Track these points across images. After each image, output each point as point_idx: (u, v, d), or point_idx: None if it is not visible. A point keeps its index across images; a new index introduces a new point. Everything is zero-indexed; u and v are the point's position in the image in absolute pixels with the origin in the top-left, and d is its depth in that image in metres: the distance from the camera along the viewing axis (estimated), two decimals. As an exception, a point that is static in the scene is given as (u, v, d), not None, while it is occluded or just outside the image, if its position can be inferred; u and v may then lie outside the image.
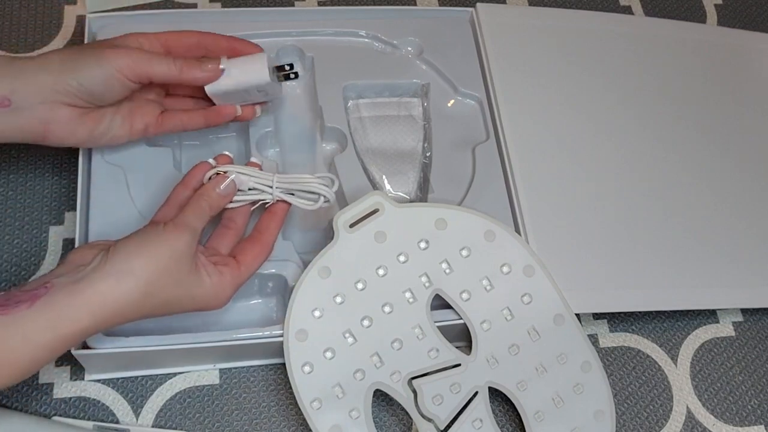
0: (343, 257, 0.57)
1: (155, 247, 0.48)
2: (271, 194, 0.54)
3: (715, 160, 0.71)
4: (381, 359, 0.56)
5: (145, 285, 0.47)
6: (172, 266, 0.48)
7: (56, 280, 0.46)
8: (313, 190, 0.54)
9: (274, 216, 0.55)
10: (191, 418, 0.58)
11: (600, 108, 0.70)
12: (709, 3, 0.84)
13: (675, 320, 0.67)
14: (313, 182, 0.54)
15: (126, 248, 0.47)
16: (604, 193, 0.66)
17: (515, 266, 0.58)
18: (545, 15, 0.74)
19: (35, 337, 0.44)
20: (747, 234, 0.68)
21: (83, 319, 0.45)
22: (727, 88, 0.75)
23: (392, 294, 0.57)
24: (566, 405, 0.57)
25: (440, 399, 0.55)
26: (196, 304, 0.50)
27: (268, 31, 0.67)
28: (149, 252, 0.47)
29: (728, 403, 0.64)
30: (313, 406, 0.54)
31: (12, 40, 0.69)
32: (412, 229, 0.58)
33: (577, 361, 0.58)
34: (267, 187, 0.54)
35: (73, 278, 0.46)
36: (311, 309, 0.56)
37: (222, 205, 0.53)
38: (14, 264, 0.61)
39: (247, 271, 0.52)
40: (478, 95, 0.68)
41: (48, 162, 0.65)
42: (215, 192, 0.52)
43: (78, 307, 0.45)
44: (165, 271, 0.47)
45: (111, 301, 0.46)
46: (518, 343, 0.57)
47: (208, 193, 0.52)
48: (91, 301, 0.45)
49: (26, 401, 0.57)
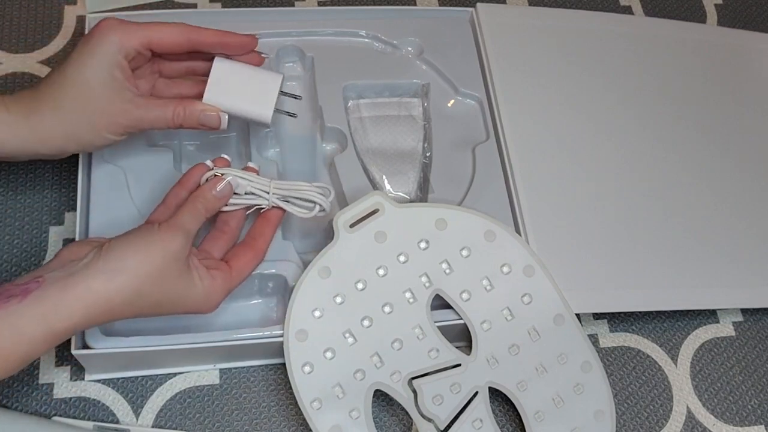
0: (344, 257, 0.57)
1: (149, 246, 0.48)
2: (267, 200, 0.54)
3: (715, 160, 0.71)
4: (381, 359, 0.56)
5: (137, 284, 0.47)
6: (164, 267, 0.48)
7: (48, 274, 0.46)
8: (309, 198, 0.54)
9: (268, 222, 0.55)
10: (191, 418, 0.58)
11: (600, 108, 0.70)
12: (709, 3, 0.84)
13: (675, 320, 0.67)
14: (309, 191, 0.54)
15: (120, 246, 0.47)
16: (604, 193, 0.66)
17: (515, 266, 0.58)
18: (545, 15, 0.74)
19: (27, 330, 0.44)
20: (747, 234, 0.68)
21: (75, 314, 0.45)
22: (727, 88, 0.75)
23: (392, 294, 0.57)
24: (566, 405, 0.57)
25: (440, 399, 0.55)
26: (187, 307, 0.50)
27: (268, 31, 0.67)
28: (142, 251, 0.47)
29: (728, 403, 0.64)
30: (314, 406, 0.54)
31: (12, 40, 0.69)
32: (413, 229, 0.58)
33: (577, 361, 0.58)
34: (264, 192, 0.54)
35: (66, 273, 0.46)
36: (311, 309, 0.56)
37: (217, 207, 0.53)
38: (14, 264, 0.61)
39: (239, 276, 0.52)
40: (478, 95, 0.68)
41: (48, 162, 0.65)
42: (211, 194, 0.52)
43: (69, 303, 0.45)
44: (157, 271, 0.47)
45: (103, 298, 0.46)
46: (518, 343, 0.57)
47: (204, 195, 0.52)
48: (82, 297, 0.45)
49: (26, 401, 0.57)
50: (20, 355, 0.44)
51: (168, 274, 0.48)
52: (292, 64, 0.68)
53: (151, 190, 0.59)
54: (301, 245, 0.61)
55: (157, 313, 0.49)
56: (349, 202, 0.61)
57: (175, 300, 0.49)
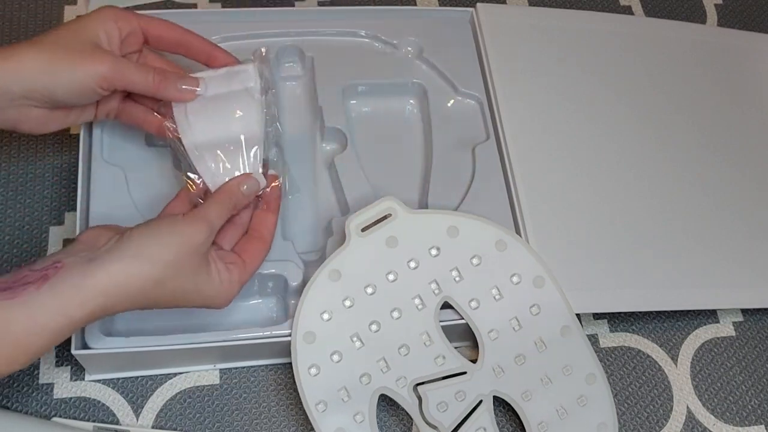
0: (354, 261, 0.56)
1: (172, 237, 0.47)
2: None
3: (716, 161, 0.71)
4: (387, 364, 0.56)
5: (157, 272, 0.46)
6: (185, 258, 0.47)
7: (68, 260, 0.45)
8: None
9: (269, 209, 0.54)
10: (191, 418, 0.58)
11: (600, 108, 0.70)
12: (709, 3, 0.84)
13: (675, 320, 0.67)
14: None
15: (141, 234, 0.47)
16: (604, 193, 0.66)
17: (525, 277, 0.58)
18: (545, 15, 0.74)
19: (45, 320, 0.43)
20: (747, 234, 0.68)
21: (92, 301, 0.44)
22: (727, 89, 0.75)
23: (401, 300, 0.57)
24: (570, 416, 0.57)
25: (445, 406, 0.55)
26: (204, 300, 0.50)
27: (268, 31, 0.67)
28: (165, 241, 0.47)
29: (728, 403, 0.64)
30: (318, 409, 0.54)
31: (12, 41, 0.69)
32: (424, 235, 0.58)
33: (582, 373, 0.57)
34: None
35: (86, 258, 0.45)
36: (320, 311, 0.56)
37: (244, 204, 0.53)
38: (14, 264, 0.61)
39: (252, 268, 0.52)
40: (478, 95, 0.68)
41: (48, 162, 0.65)
42: (240, 190, 0.52)
43: (88, 289, 0.44)
44: (178, 262, 0.47)
45: (123, 284, 0.45)
46: (525, 353, 0.57)
47: (232, 190, 0.51)
48: (102, 282, 0.44)
49: (26, 401, 0.57)
50: (38, 347, 0.43)
51: (188, 266, 0.47)
52: (292, 64, 0.68)
53: (151, 189, 0.59)
54: (301, 245, 0.61)
55: (173, 304, 0.49)
56: (349, 202, 0.61)
57: (192, 292, 0.49)
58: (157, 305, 0.48)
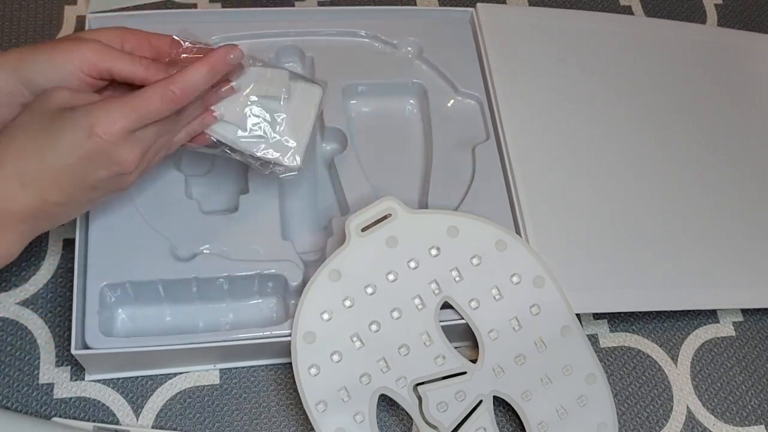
0: (354, 261, 0.57)
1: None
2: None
3: (716, 161, 0.71)
4: (387, 364, 0.56)
5: None
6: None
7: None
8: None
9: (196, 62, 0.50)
10: (191, 418, 0.58)
11: (600, 108, 0.70)
12: (709, 3, 0.84)
13: (675, 320, 0.67)
14: None
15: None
16: (604, 193, 0.66)
17: (525, 277, 0.58)
18: (545, 15, 0.74)
19: None
20: (747, 234, 0.68)
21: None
22: (727, 89, 0.75)
23: (401, 300, 0.57)
24: (570, 416, 0.57)
25: (445, 406, 0.55)
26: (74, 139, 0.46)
27: (268, 31, 0.67)
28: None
29: (728, 403, 0.64)
30: (318, 409, 0.54)
31: (12, 41, 0.69)
32: (424, 235, 0.58)
33: (582, 373, 0.58)
34: None
35: None
36: (320, 311, 0.56)
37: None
38: (14, 264, 0.61)
39: (143, 101, 0.48)
40: (478, 95, 0.68)
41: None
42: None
43: None
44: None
45: None
46: (525, 353, 0.57)
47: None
48: None
49: (26, 401, 0.57)
50: None
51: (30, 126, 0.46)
52: (292, 64, 0.68)
53: (151, 190, 0.59)
54: (301, 245, 0.61)
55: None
56: (349, 202, 0.61)
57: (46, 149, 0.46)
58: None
